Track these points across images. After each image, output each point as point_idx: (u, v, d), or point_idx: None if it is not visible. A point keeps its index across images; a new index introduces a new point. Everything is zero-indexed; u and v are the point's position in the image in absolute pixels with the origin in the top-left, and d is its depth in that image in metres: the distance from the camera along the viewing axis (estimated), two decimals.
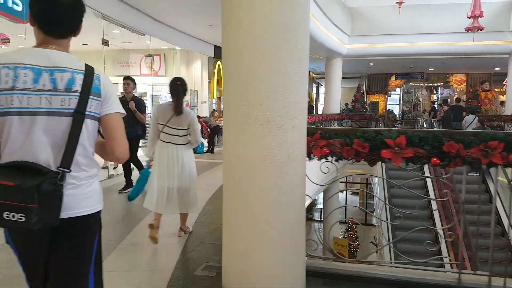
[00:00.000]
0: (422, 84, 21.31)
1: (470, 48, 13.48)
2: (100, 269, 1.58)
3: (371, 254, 10.63)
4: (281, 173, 2.33)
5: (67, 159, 1.39)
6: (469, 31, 10.67)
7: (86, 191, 1.47)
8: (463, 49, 13.87)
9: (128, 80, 5.53)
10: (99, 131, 1.53)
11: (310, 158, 2.72)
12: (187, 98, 11.67)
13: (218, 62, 12.69)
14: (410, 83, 21.40)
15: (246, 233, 2.39)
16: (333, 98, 14.55)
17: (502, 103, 15.85)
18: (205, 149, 11.50)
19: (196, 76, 11.94)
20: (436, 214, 8.64)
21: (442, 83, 21.21)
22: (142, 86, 10.90)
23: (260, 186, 2.34)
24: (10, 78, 1.34)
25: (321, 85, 26.35)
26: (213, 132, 10.85)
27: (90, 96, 1.42)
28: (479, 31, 10.61)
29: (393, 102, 22.55)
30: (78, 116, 1.40)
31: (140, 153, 6.41)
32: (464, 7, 11.61)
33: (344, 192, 18.98)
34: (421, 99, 23.49)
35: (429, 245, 3.09)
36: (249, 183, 2.36)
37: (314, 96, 23.62)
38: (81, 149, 1.43)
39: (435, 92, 23.06)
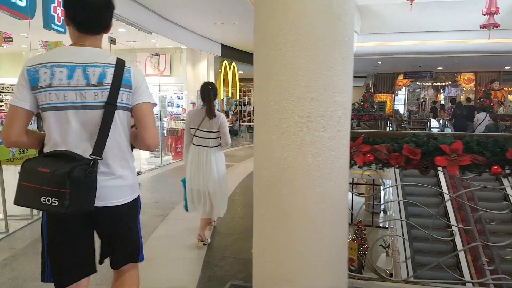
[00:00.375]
0: (430, 84, 20.96)
1: (482, 46, 13.15)
2: (141, 243, 1.76)
3: (381, 258, 10.27)
4: (324, 183, 2.03)
5: (99, 147, 1.47)
6: (485, 28, 10.32)
7: (124, 181, 1.56)
8: (475, 47, 13.53)
9: None
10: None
11: (350, 166, 2.41)
12: (193, 99, 11.39)
13: (225, 61, 12.39)
14: (417, 82, 21.05)
15: (284, 252, 2.09)
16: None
17: None
18: None
19: (203, 76, 11.64)
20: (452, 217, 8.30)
21: (450, 82, 20.85)
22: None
23: (300, 197, 2.04)
24: (48, 76, 1.44)
25: None
26: None
27: (121, 88, 1.50)
28: (495, 28, 10.27)
29: (398, 102, 22.21)
30: (110, 107, 1.47)
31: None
32: (477, 4, 11.28)
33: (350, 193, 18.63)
34: (427, 99, 23.20)
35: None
36: (288, 195, 2.06)
37: None
38: (114, 139, 1.51)
39: (442, 91, 22.74)
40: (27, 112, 1.49)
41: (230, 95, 12.72)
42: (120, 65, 1.53)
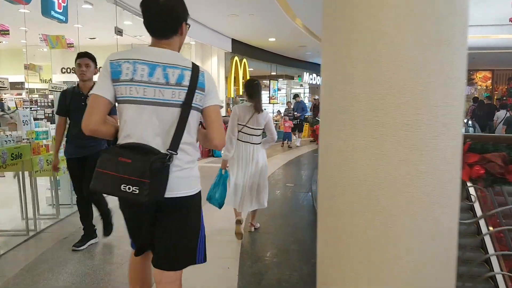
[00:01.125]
0: None
1: (504, 41, 12.47)
2: (204, 242, 1.76)
3: None
4: (435, 210, 1.41)
5: (175, 143, 1.56)
6: None
7: (189, 174, 1.64)
8: (496, 43, 12.85)
9: (86, 59, 3.25)
10: (200, 122, 1.72)
11: None
12: None
13: (236, 58, 11.75)
14: None
15: None
16: None
17: None
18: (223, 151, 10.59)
19: (213, 73, 10.99)
20: None
21: (465, 81, 20.11)
22: None
23: (400, 230, 1.42)
24: (130, 71, 1.54)
25: None
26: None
27: (196, 90, 1.60)
28: None
29: None
30: (186, 107, 1.58)
31: None
32: None
33: None
34: None
35: None
36: (382, 228, 1.43)
37: None
38: (186, 136, 1.60)
39: None
40: (108, 101, 1.57)
41: (241, 93, 12.09)
42: (196, 69, 1.62)
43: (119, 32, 6.48)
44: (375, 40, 1.37)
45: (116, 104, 1.61)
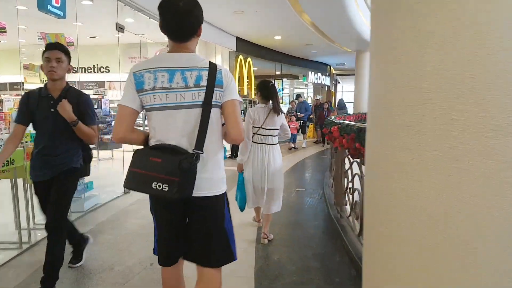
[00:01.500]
0: None
1: None
2: (233, 239, 1.81)
3: None
4: None
5: (200, 143, 1.61)
6: None
7: (215, 174, 1.70)
8: None
9: (57, 52, 2.56)
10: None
11: None
12: None
13: (240, 57, 11.42)
14: None
15: None
16: (365, 95, 13.22)
17: None
18: (228, 153, 10.26)
19: None
20: None
21: None
22: None
23: (490, 271, 1.09)
24: (152, 80, 1.62)
25: (339, 83, 25.08)
26: None
27: (215, 88, 1.64)
28: None
29: None
30: (206, 106, 1.63)
31: (100, 200, 5.17)
32: None
33: None
34: None
35: None
36: (465, 268, 1.10)
37: (336, 95, 22.25)
38: (210, 134, 1.64)
39: None
40: (134, 111, 1.66)
41: (245, 93, 11.76)
42: (213, 68, 1.67)
43: (120, 28, 6.15)
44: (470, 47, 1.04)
45: (144, 111, 1.70)
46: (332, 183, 5.47)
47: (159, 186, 1.53)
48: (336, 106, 14.01)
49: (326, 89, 19.15)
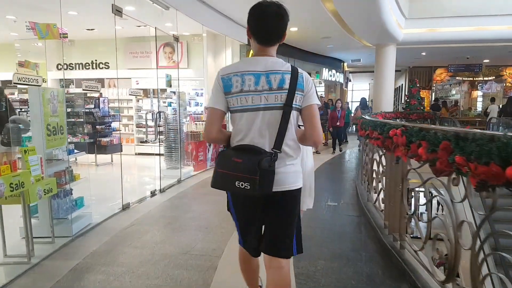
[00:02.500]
0: (471, 78, 18.81)
1: None
2: (300, 234, 1.93)
3: None
4: None
5: (279, 142, 1.73)
6: None
7: (292, 170, 1.80)
8: None
9: None
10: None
11: None
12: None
13: (251, 51, 10.46)
14: (457, 77, 18.90)
15: None
16: (386, 93, 12.21)
17: None
18: None
19: None
20: None
21: (494, 77, 18.66)
22: (160, 82, 8.72)
23: None
24: (239, 83, 1.73)
25: (350, 81, 23.97)
26: None
27: (296, 92, 1.73)
28: None
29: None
30: (287, 108, 1.72)
31: None
32: None
33: None
34: (459, 96, 21.05)
35: None
36: None
37: (348, 93, 21.20)
38: (288, 134, 1.75)
39: (479, 87, 20.57)
40: (223, 113, 1.79)
41: None
42: (295, 72, 1.75)
43: (117, 11, 5.20)
44: None
45: (229, 113, 1.81)
46: (375, 197, 4.48)
47: (242, 184, 1.65)
48: (358, 105, 12.99)
49: (340, 87, 18.13)
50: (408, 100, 12.73)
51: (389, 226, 3.64)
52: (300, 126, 1.87)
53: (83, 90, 5.89)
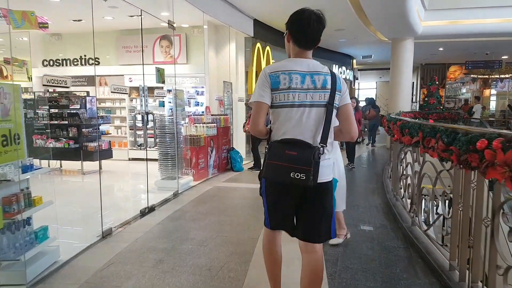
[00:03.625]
0: (487, 76, 17.78)
1: None
2: (332, 221, 2.07)
3: None
4: None
5: (324, 137, 1.90)
6: None
7: (329, 164, 1.99)
8: None
9: None
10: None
11: None
12: (219, 94, 8.48)
13: (258, 44, 9.41)
14: (472, 75, 17.86)
15: None
16: (403, 91, 11.20)
17: None
18: (244, 164, 8.25)
19: (231, 63, 8.74)
20: None
21: (510, 75, 17.62)
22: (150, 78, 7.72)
23: None
24: (287, 81, 1.89)
25: (357, 79, 22.90)
26: (256, 139, 7.62)
27: (336, 92, 1.93)
28: None
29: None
30: (330, 106, 1.91)
31: None
32: None
33: None
34: (469, 95, 20.07)
35: None
36: None
37: (355, 92, 20.17)
38: (330, 131, 1.95)
39: (492, 85, 19.57)
40: (268, 106, 1.93)
41: None
42: (334, 74, 1.96)
43: None
44: None
45: (273, 108, 1.95)
46: (420, 220, 3.48)
47: (297, 175, 1.79)
48: (366, 104, 11.99)
49: (349, 85, 17.11)
50: (426, 98, 11.67)
51: (461, 271, 2.64)
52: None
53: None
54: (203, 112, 7.83)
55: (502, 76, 17.47)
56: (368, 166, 8.48)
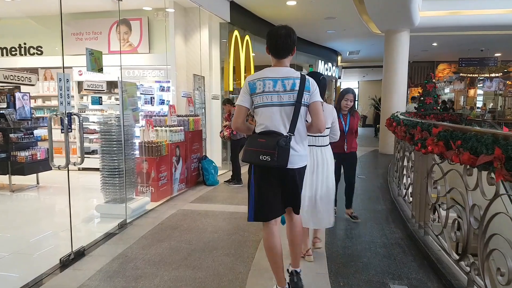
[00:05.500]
0: (477, 75, 16.93)
1: None
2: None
3: None
4: None
5: (292, 128, 2.32)
6: None
7: (301, 153, 2.40)
8: None
9: None
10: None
11: None
12: (187, 91, 6.99)
13: (236, 32, 7.97)
14: (461, 73, 16.98)
15: None
16: (398, 90, 10.02)
17: None
18: (220, 174, 6.81)
19: (203, 53, 7.28)
20: None
21: (500, 74, 16.82)
22: (112, 71, 6.19)
23: None
24: (261, 86, 2.34)
25: (339, 78, 21.79)
26: (236, 146, 6.20)
27: (304, 92, 2.33)
28: None
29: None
30: (298, 104, 2.32)
31: None
32: None
33: None
34: (452, 95, 19.33)
35: None
36: None
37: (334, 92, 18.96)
38: (299, 123, 2.35)
39: (478, 85, 18.87)
40: (247, 109, 2.40)
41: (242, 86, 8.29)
42: (303, 77, 2.35)
43: None
44: None
45: (254, 108, 2.41)
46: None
47: (264, 157, 2.23)
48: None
49: (334, 84, 15.92)
50: (422, 98, 10.53)
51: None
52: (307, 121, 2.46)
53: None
54: (166, 113, 6.32)
55: (493, 75, 16.62)
56: (367, 176, 7.17)
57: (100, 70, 3.84)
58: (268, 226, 2.41)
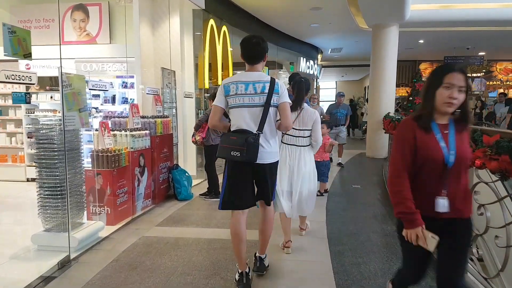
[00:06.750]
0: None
1: None
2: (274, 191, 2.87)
3: None
4: None
5: (261, 127, 2.56)
6: None
7: (270, 150, 2.64)
8: None
9: None
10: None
11: None
12: (154, 87, 5.97)
13: (211, 21, 7.00)
14: None
15: None
16: (386, 90, 9.34)
17: None
18: (194, 185, 5.84)
19: (174, 44, 6.27)
20: None
21: (483, 73, 16.54)
22: (66, 64, 5.08)
23: None
24: (234, 89, 2.58)
25: (318, 78, 21.14)
26: (211, 153, 5.24)
27: (273, 94, 2.58)
28: None
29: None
30: (267, 105, 2.56)
31: None
32: None
33: None
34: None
35: None
36: None
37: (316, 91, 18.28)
38: (268, 123, 2.59)
39: None
40: (222, 109, 2.64)
41: (220, 82, 7.29)
42: (273, 81, 2.60)
43: None
44: None
45: (228, 109, 2.65)
46: None
47: (234, 153, 2.48)
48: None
49: (315, 82, 15.16)
50: (411, 98, 9.88)
51: None
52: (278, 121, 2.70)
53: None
54: (127, 113, 5.28)
55: (475, 74, 16.30)
56: (362, 186, 6.36)
57: (27, 55, 2.81)
58: (235, 214, 2.68)
